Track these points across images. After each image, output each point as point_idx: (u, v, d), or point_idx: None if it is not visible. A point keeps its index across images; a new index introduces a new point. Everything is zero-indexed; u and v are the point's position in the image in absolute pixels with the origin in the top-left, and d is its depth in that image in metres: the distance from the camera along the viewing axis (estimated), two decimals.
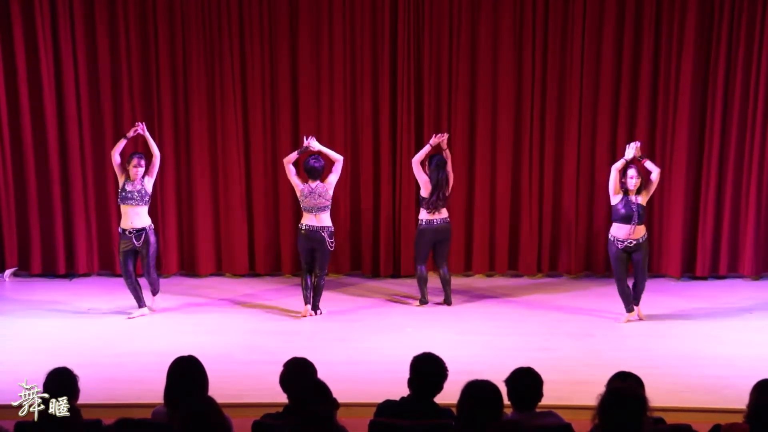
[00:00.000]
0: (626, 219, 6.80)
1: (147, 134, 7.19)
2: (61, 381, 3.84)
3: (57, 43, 8.07)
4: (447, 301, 7.54)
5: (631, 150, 6.84)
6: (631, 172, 6.84)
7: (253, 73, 8.22)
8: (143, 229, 7.03)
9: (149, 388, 4.81)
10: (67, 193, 8.32)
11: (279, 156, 8.33)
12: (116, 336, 6.83)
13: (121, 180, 7.07)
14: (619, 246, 6.87)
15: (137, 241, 6.99)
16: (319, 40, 8.18)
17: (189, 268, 8.57)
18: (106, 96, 8.18)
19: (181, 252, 8.51)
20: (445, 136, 7.25)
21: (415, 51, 8.19)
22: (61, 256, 8.40)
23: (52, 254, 8.41)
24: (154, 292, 7.37)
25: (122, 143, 7.11)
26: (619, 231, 6.85)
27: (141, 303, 7.25)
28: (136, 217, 6.99)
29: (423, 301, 7.52)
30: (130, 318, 7.18)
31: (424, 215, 7.29)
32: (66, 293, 7.98)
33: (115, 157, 7.10)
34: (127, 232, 7.01)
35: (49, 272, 8.47)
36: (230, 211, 8.41)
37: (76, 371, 3.96)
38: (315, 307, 7.25)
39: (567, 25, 8.11)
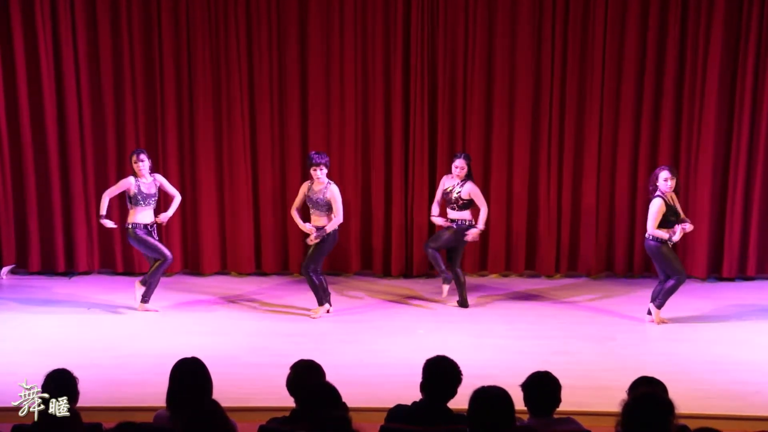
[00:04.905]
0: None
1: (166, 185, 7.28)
2: (60, 383, 3.77)
3: (57, 38, 7.97)
4: (465, 303, 7.38)
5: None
6: (665, 174, 6.68)
7: (261, 67, 8.10)
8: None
9: (151, 390, 4.77)
10: (66, 189, 8.23)
11: (287, 152, 8.26)
12: (117, 336, 6.76)
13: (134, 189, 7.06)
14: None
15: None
16: (330, 34, 8.05)
17: (193, 267, 8.45)
18: (108, 91, 8.08)
19: (185, 250, 8.40)
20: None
21: (429, 47, 8.05)
22: (61, 254, 8.30)
23: (51, 251, 8.30)
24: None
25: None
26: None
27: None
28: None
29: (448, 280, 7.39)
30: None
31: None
32: (65, 292, 7.89)
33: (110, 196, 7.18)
34: (151, 225, 7.18)
35: (48, 270, 8.37)
36: (236, 207, 8.30)
37: (75, 373, 3.88)
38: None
39: (588, 19, 7.93)
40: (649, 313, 6.94)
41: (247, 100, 8.16)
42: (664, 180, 6.65)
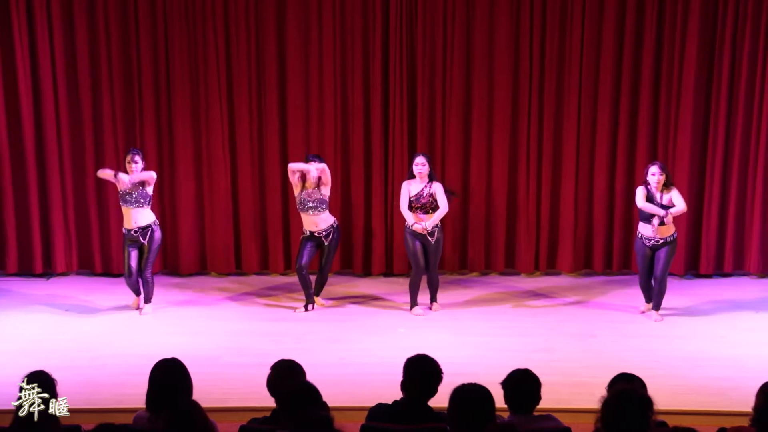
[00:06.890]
0: (649, 218, 6.75)
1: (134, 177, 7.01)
2: (38, 385, 3.73)
3: (33, 34, 7.85)
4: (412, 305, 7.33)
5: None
6: (653, 169, 6.77)
7: (239, 67, 8.03)
8: (148, 225, 7.03)
9: (131, 392, 4.77)
10: (44, 189, 8.12)
11: (266, 148, 8.20)
12: (96, 338, 6.69)
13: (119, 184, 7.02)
14: (646, 243, 6.84)
15: (143, 239, 7.02)
16: (308, 31, 8.00)
17: (172, 267, 8.38)
18: (85, 91, 7.98)
19: (164, 249, 8.28)
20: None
21: (408, 45, 8.02)
22: (38, 255, 8.18)
23: (28, 252, 8.19)
24: (147, 299, 7.25)
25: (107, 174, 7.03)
26: (644, 229, 6.82)
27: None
28: (140, 216, 6.99)
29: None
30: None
31: None
32: (43, 293, 7.79)
33: (103, 173, 7.06)
34: (132, 232, 6.99)
35: (26, 271, 8.26)
36: (215, 206, 8.23)
37: (54, 374, 3.86)
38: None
39: (566, 17, 7.94)
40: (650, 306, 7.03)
41: (225, 99, 8.09)
42: (652, 174, 6.75)
